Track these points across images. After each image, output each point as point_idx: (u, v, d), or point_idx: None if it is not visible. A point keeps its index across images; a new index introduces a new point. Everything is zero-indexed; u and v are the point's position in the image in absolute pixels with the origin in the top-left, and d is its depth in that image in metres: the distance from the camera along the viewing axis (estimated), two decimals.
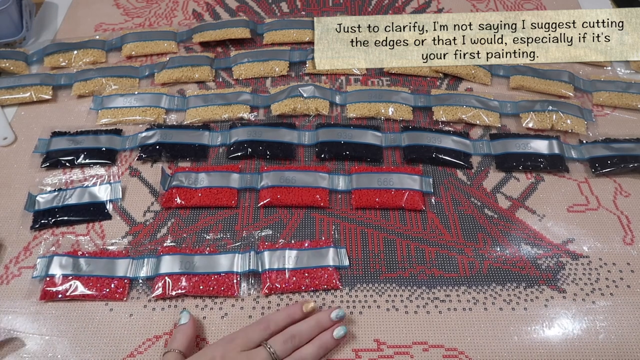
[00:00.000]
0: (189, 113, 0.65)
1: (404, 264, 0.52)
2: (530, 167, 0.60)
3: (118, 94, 0.66)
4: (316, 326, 0.45)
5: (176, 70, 0.69)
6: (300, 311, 0.46)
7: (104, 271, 0.50)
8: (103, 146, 0.61)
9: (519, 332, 0.47)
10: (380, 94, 0.66)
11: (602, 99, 0.67)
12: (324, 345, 0.45)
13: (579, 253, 0.53)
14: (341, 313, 0.46)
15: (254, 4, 0.82)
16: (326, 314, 0.46)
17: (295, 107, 0.64)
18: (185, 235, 0.54)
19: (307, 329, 0.45)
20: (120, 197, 0.57)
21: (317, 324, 0.45)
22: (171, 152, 0.60)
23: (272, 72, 0.70)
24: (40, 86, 0.67)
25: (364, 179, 0.57)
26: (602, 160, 0.60)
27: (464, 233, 0.54)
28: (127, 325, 0.48)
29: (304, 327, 0.45)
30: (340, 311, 0.46)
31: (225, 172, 0.58)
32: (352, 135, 0.61)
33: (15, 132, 0.64)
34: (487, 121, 0.64)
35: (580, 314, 0.48)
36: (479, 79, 0.70)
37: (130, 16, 0.81)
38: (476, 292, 0.50)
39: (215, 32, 0.74)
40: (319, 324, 0.45)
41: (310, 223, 0.55)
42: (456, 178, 0.59)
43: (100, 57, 0.73)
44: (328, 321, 0.46)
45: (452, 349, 0.46)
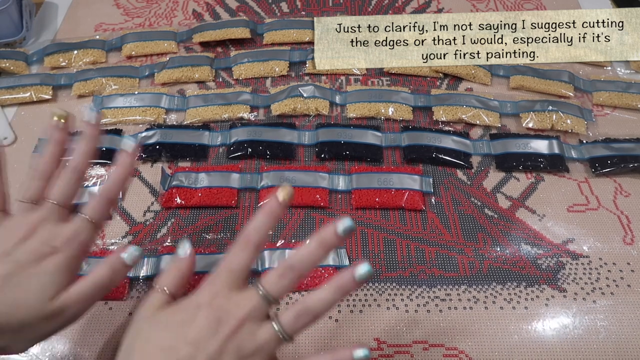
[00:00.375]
0: (189, 113, 0.65)
1: (404, 263, 0.52)
2: (530, 167, 0.60)
3: (118, 94, 0.66)
4: (320, 248, 0.34)
5: (176, 70, 0.69)
6: (277, 205, 0.35)
7: None
8: (103, 146, 0.61)
9: (519, 330, 0.47)
10: (380, 94, 0.66)
11: (602, 99, 0.67)
12: (340, 290, 0.33)
13: (579, 253, 0.53)
14: (349, 223, 0.34)
15: (254, 4, 0.82)
16: (330, 230, 0.34)
17: (295, 107, 0.64)
18: (185, 235, 0.54)
19: (308, 255, 0.34)
20: (120, 197, 0.57)
21: (320, 245, 0.34)
22: (171, 152, 0.60)
23: (272, 72, 0.70)
24: (40, 86, 0.67)
25: (364, 179, 0.57)
26: (602, 160, 0.60)
27: (464, 233, 0.54)
28: (126, 324, 0.47)
29: (304, 253, 0.34)
30: (347, 221, 0.34)
31: (225, 172, 0.58)
32: (352, 135, 0.61)
33: (15, 132, 0.64)
34: (487, 121, 0.64)
35: (581, 313, 0.48)
36: (479, 79, 0.70)
37: (130, 16, 0.81)
38: (476, 292, 0.50)
39: (215, 32, 0.74)
40: (323, 245, 0.34)
41: (310, 223, 0.55)
42: (456, 178, 0.59)
43: (100, 57, 0.73)
44: (335, 239, 0.34)
45: (452, 348, 0.46)
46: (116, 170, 0.40)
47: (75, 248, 0.37)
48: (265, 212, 0.35)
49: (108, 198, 0.40)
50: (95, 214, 0.38)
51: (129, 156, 0.41)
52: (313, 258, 0.34)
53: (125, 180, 0.41)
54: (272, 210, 0.36)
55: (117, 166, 0.41)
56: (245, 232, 0.35)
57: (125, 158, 0.41)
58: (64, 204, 0.39)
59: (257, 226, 0.35)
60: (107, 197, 0.40)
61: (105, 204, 0.39)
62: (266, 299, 0.33)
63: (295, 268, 0.34)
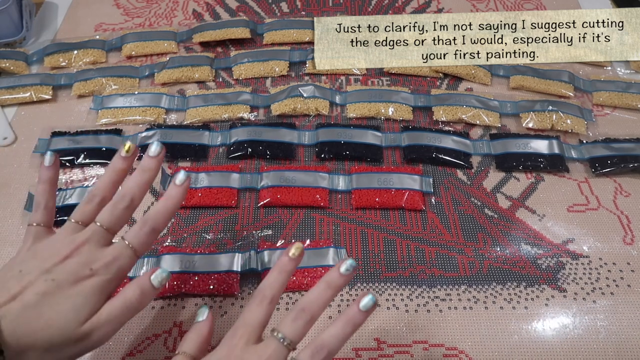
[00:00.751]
0: (189, 113, 0.65)
1: (404, 263, 0.52)
2: (530, 167, 0.60)
3: (118, 94, 0.66)
4: (328, 289, 0.36)
5: (176, 70, 0.69)
6: (289, 261, 0.38)
7: None
8: (103, 146, 0.61)
9: (519, 330, 0.47)
10: (380, 94, 0.66)
11: (602, 99, 0.67)
12: (350, 322, 0.35)
13: (579, 253, 0.53)
14: (351, 263, 0.37)
15: (254, 4, 0.82)
16: (335, 272, 0.37)
17: (295, 107, 0.64)
18: (185, 235, 0.54)
19: (317, 297, 0.36)
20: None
21: (327, 286, 0.37)
22: (171, 152, 0.60)
23: (272, 72, 0.70)
24: (40, 86, 0.67)
25: (364, 179, 0.57)
26: (602, 160, 0.60)
27: (464, 233, 0.54)
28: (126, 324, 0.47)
29: (314, 296, 0.36)
30: (349, 262, 0.37)
31: (225, 172, 0.58)
32: (352, 135, 0.61)
33: (15, 132, 0.64)
34: (487, 121, 0.64)
35: (581, 313, 0.48)
36: (479, 79, 0.70)
37: (130, 16, 0.81)
38: (476, 291, 0.50)
39: (215, 32, 0.74)
40: (330, 287, 0.36)
41: (310, 223, 0.55)
42: (456, 178, 0.59)
43: (100, 57, 0.73)
44: (340, 280, 0.37)
45: (452, 348, 0.46)
46: (166, 201, 0.40)
47: (112, 273, 0.37)
48: (278, 269, 0.38)
49: (153, 228, 0.39)
50: (137, 242, 0.38)
51: (181, 190, 0.40)
52: (322, 299, 0.36)
53: (174, 213, 0.40)
54: (284, 267, 0.38)
55: (168, 198, 0.40)
56: (260, 288, 0.38)
57: (176, 191, 0.40)
58: (110, 229, 0.39)
59: (271, 282, 0.37)
60: (153, 226, 0.39)
61: (149, 233, 0.39)
62: (283, 342, 0.35)
63: (307, 310, 0.36)
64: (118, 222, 0.39)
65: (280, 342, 0.35)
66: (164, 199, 0.40)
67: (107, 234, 0.39)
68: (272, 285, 0.37)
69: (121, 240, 0.38)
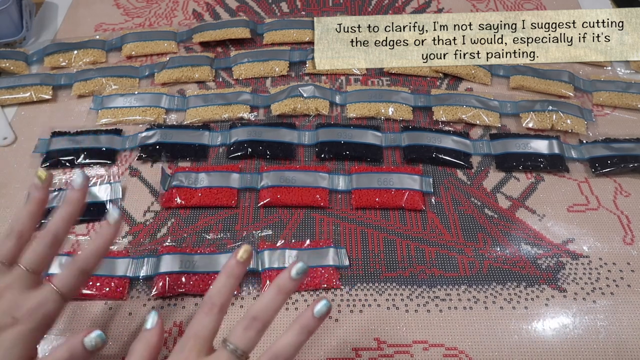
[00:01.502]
0: (189, 113, 0.65)
1: (404, 263, 0.52)
2: (530, 167, 0.60)
3: (118, 94, 0.66)
4: (279, 294, 0.35)
5: (176, 70, 0.69)
6: (237, 265, 0.36)
7: (104, 271, 0.50)
8: (103, 146, 0.61)
9: (519, 330, 0.47)
10: (380, 94, 0.66)
11: (602, 99, 0.67)
12: (304, 330, 0.34)
13: (579, 253, 0.53)
14: (302, 267, 0.35)
15: (254, 4, 0.82)
16: (285, 275, 0.35)
17: (295, 107, 0.64)
18: (186, 235, 0.54)
19: (268, 303, 0.35)
20: (120, 197, 0.57)
21: (278, 291, 0.35)
22: (171, 152, 0.60)
23: (272, 72, 0.70)
24: (40, 86, 0.67)
25: (364, 179, 0.57)
26: (602, 160, 0.60)
27: (464, 233, 0.54)
28: (126, 324, 0.47)
29: (264, 302, 0.35)
30: (299, 265, 0.35)
31: (225, 172, 0.58)
32: (352, 135, 0.61)
33: (15, 132, 0.64)
34: (487, 121, 0.64)
35: (581, 313, 0.48)
36: (479, 79, 0.70)
37: (130, 16, 0.81)
38: (476, 291, 0.50)
39: (215, 32, 0.74)
40: (281, 291, 0.35)
41: (310, 223, 0.55)
42: (456, 178, 0.59)
43: (100, 57, 0.73)
44: (291, 283, 0.35)
45: (452, 348, 0.46)
46: (95, 241, 0.39)
47: (37, 320, 0.35)
48: (225, 274, 0.36)
49: (82, 270, 0.37)
50: (64, 286, 0.37)
51: (112, 228, 0.39)
52: (274, 305, 0.35)
53: (104, 253, 0.39)
54: (232, 271, 0.36)
55: (97, 237, 0.39)
56: (208, 296, 0.36)
57: (107, 230, 0.39)
58: (35, 270, 0.37)
59: (219, 289, 0.36)
60: (81, 269, 0.37)
61: (77, 276, 0.37)
62: (235, 353, 0.33)
63: (259, 318, 0.34)
64: (43, 261, 0.37)
65: (233, 353, 0.33)
66: (95, 238, 0.39)
67: (32, 276, 0.37)
68: (220, 291, 0.36)
69: (48, 284, 0.36)
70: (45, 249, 0.38)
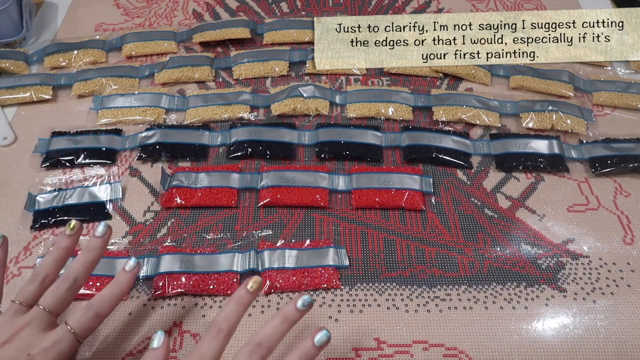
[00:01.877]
0: (189, 113, 0.65)
1: (404, 263, 0.52)
2: (530, 167, 0.60)
3: (118, 94, 0.66)
4: (284, 323, 0.37)
5: (176, 70, 0.69)
6: (247, 294, 0.38)
7: (104, 270, 0.50)
8: (103, 146, 0.61)
9: (519, 330, 0.47)
10: (380, 94, 0.66)
11: (602, 99, 0.67)
12: (304, 357, 0.36)
13: (579, 253, 0.53)
14: (308, 299, 0.38)
15: (254, 4, 0.82)
16: (291, 306, 0.37)
17: (295, 107, 0.64)
18: (185, 235, 0.54)
19: (273, 331, 0.37)
20: (120, 197, 0.57)
21: (284, 321, 0.37)
22: (171, 152, 0.60)
23: (272, 72, 0.70)
24: (40, 86, 0.67)
25: (364, 179, 0.57)
26: (602, 160, 0.60)
27: (464, 233, 0.54)
28: (126, 324, 0.47)
29: (269, 330, 0.37)
30: (306, 298, 0.38)
31: (225, 172, 0.58)
32: (352, 135, 0.61)
33: (15, 132, 0.64)
34: (487, 121, 0.64)
35: (581, 313, 0.48)
36: (479, 79, 0.70)
37: (130, 16, 0.81)
38: (476, 291, 0.50)
39: (215, 32, 0.74)
40: (286, 321, 0.37)
41: (310, 223, 0.55)
42: (456, 178, 0.59)
43: (100, 57, 0.73)
44: (296, 314, 0.37)
45: (452, 348, 0.46)
46: (113, 287, 0.41)
47: (50, 358, 0.37)
48: (235, 301, 0.38)
49: (97, 314, 0.39)
50: (79, 329, 0.38)
51: (130, 276, 0.41)
52: (278, 333, 0.37)
53: (120, 300, 0.41)
54: (241, 299, 0.38)
55: (116, 284, 0.41)
56: (216, 320, 0.37)
57: (125, 278, 0.41)
58: (53, 311, 0.39)
59: (228, 315, 0.37)
60: (97, 312, 0.39)
61: (93, 318, 0.39)
62: None
63: (264, 345, 0.36)
64: (61, 303, 0.39)
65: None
66: (112, 285, 0.41)
67: (50, 317, 0.39)
68: (228, 317, 0.37)
69: (64, 326, 0.38)
70: (65, 292, 0.39)
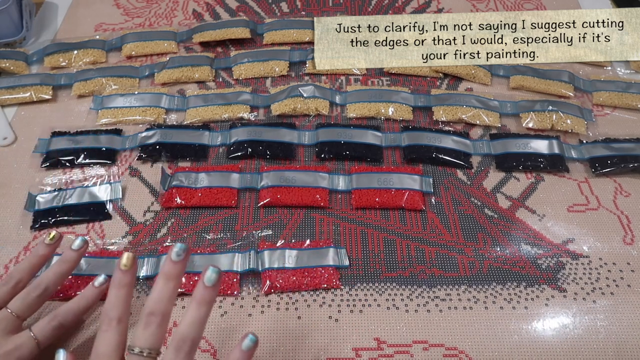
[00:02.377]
0: (189, 113, 0.65)
1: (404, 263, 0.52)
2: (530, 167, 0.60)
3: (118, 94, 0.66)
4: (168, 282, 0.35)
5: (176, 70, 0.69)
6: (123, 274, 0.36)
7: (104, 271, 0.49)
8: (103, 146, 0.61)
9: (519, 330, 0.47)
10: (380, 94, 0.66)
11: (602, 99, 0.67)
12: (203, 303, 0.34)
13: (579, 253, 0.53)
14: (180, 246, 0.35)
15: (254, 4, 0.82)
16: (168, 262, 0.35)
17: (295, 107, 0.64)
18: (185, 235, 0.54)
19: (160, 294, 0.35)
20: (120, 197, 0.57)
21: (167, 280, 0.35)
22: (171, 152, 0.60)
23: (272, 72, 0.70)
24: (40, 86, 0.67)
25: (364, 179, 0.57)
26: (602, 160, 0.60)
27: (464, 233, 0.54)
28: None
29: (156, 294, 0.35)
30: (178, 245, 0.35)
31: (225, 172, 0.58)
32: (352, 135, 0.61)
33: (15, 132, 0.64)
34: (487, 121, 0.64)
35: (581, 313, 0.48)
36: (479, 79, 0.70)
37: (130, 16, 0.81)
38: (476, 291, 0.50)
39: (215, 32, 0.74)
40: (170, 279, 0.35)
41: (310, 223, 0.55)
42: (456, 178, 0.59)
43: (100, 57, 0.73)
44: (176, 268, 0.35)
45: (452, 348, 0.46)
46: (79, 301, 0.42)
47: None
48: (115, 286, 0.36)
49: (61, 324, 0.41)
50: (42, 335, 0.40)
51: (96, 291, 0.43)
52: (166, 294, 0.34)
53: (84, 313, 0.43)
54: (121, 281, 0.36)
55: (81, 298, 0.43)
56: (103, 312, 0.36)
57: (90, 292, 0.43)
58: (20, 316, 0.40)
59: (112, 302, 0.36)
60: (61, 323, 0.41)
61: (56, 328, 0.40)
62: (142, 355, 0.33)
63: (155, 312, 0.34)
64: (29, 309, 0.41)
65: (139, 356, 0.33)
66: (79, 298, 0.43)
67: (16, 321, 0.40)
68: (113, 304, 0.36)
69: (27, 331, 0.40)
70: (34, 299, 0.41)
